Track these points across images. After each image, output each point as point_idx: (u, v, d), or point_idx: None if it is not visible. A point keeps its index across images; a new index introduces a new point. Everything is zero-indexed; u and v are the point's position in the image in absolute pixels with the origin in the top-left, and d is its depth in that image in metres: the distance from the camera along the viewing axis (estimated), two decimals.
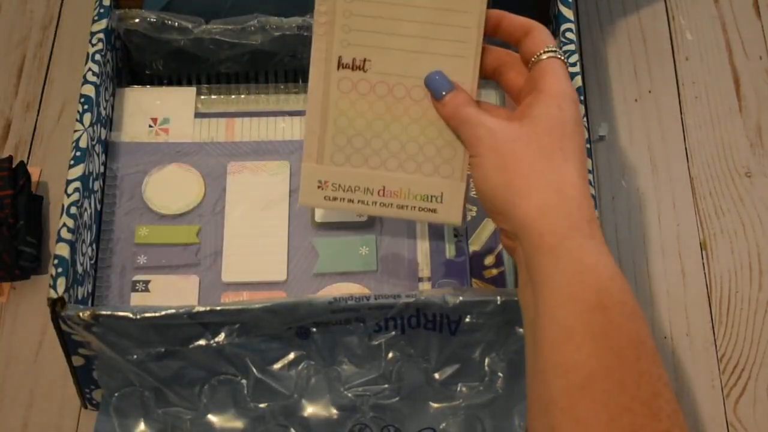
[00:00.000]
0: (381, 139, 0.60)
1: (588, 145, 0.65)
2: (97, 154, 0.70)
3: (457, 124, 0.57)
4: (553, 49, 0.56)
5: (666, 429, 0.45)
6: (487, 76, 0.60)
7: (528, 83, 0.57)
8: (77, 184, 0.64)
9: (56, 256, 0.61)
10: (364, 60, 0.60)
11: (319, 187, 0.60)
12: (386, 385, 0.63)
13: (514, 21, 0.59)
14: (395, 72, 0.60)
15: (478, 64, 0.59)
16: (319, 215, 0.71)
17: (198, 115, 0.76)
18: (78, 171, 0.65)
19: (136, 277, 0.69)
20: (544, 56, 0.56)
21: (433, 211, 0.60)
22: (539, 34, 0.57)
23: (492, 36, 0.59)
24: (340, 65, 0.60)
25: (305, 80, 0.63)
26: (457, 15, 0.59)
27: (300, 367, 0.63)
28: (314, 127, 0.60)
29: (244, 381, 0.63)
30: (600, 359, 0.47)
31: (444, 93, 0.58)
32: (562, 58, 0.56)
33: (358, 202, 0.60)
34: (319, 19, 0.60)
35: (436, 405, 0.63)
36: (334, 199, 0.60)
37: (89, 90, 0.69)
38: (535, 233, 0.51)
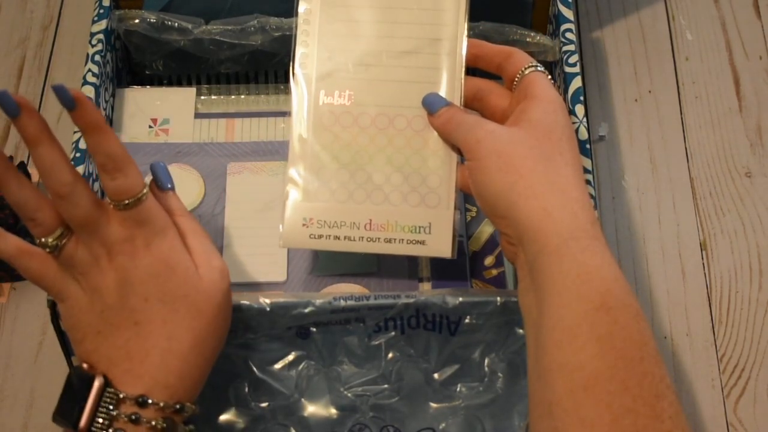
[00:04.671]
0: (365, 172, 0.60)
1: (588, 145, 0.65)
2: None
3: (453, 128, 0.58)
4: (536, 64, 0.58)
5: (668, 430, 0.45)
6: (467, 104, 0.61)
7: (516, 97, 0.58)
8: None
9: None
10: (346, 93, 0.60)
11: (304, 225, 0.60)
12: (386, 385, 0.63)
13: (493, 48, 0.61)
14: (378, 102, 0.60)
15: (462, 91, 0.60)
16: None
17: (198, 115, 0.76)
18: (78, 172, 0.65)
19: None
20: (529, 70, 0.58)
21: (422, 243, 0.60)
22: (520, 55, 0.59)
23: (473, 65, 0.61)
24: (323, 100, 0.60)
25: None
26: (437, 43, 0.60)
27: (300, 367, 0.63)
28: (297, 164, 0.61)
29: (244, 381, 0.63)
30: (604, 360, 0.47)
31: (439, 107, 0.59)
32: (546, 72, 0.58)
33: (344, 238, 0.60)
34: (300, 58, 0.61)
35: (435, 405, 0.63)
36: (320, 236, 0.60)
37: (89, 91, 0.69)
38: (539, 235, 0.51)
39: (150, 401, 0.49)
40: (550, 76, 0.58)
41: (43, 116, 0.85)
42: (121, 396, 0.49)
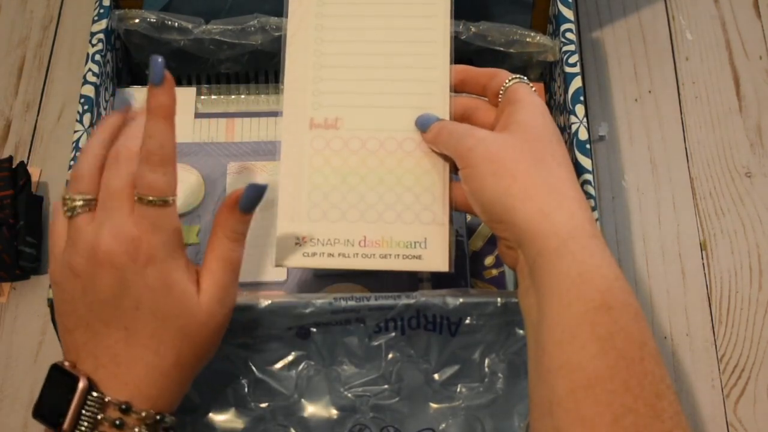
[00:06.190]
0: (357, 192, 0.60)
1: (588, 145, 0.65)
2: None
3: (444, 139, 0.58)
4: (519, 77, 0.59)
5: (669, 430, 0.45)
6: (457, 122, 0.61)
7: (501, 108, 0.59)
8: None
9: None
10: (336, 119, 0.61)
11: (296, 243, 0.60)
12: (386, 386, 0.63)
13: (478, 71, 0.61)
14: (367, 127, 0.61)
15: (451, 112, 0.61)
16: None
17: (198, 115, 0.76)
18: None
19: None
20: (512, 82, 0.58)
21: (418, 257, 0.59)
22: (503, 72, 0.60)
23: (461, 89, 0.62)
24: (312, 125, 0.61)
25: None
26: (425, 71, 0.61)
27: (300, 367, 0.63)
28: (288, 185, 0.61)
29: (244, 381, 0.63)
30: (605, 359, 0.47)
31: (431, 124, 0.59)
32: (529, 83, 0.58)
33: (339, 255, 0.60)
34: (289, 85, 0.61)
35: (435, 406, 0.63)
36: (313, 254, 0.60)
37: (89, 90, 0.69)
38: (538, 236, 0.51)
39: (133, 408, 0.49)
40: (534, 87, 0.58)
41: (43, 115, 0.85)
42: (107, 400, 0.49)
